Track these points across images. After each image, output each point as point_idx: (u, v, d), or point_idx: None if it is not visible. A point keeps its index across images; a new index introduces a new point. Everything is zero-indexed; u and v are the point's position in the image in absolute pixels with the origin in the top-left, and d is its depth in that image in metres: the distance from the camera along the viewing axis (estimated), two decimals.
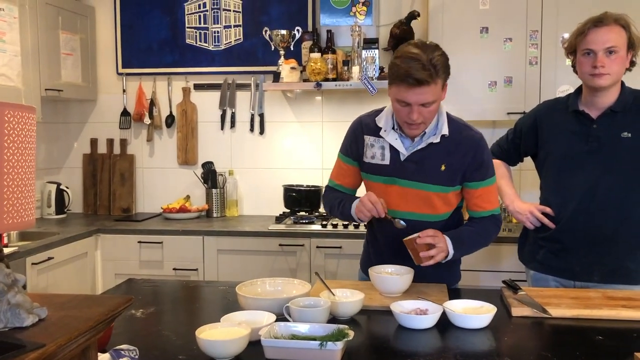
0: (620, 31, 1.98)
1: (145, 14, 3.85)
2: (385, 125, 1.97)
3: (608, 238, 2.07)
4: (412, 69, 1.75)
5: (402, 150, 1.96)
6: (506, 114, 3.17)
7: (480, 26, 3.18)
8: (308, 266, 3.22)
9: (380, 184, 2.01)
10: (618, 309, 1.73)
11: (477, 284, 3.02)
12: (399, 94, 1.82)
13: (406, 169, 1.96)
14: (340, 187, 2.14)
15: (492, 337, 1.58)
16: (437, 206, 1.99)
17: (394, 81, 1.82)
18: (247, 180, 3.85)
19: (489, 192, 2.00)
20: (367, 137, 2.02)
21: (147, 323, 1.73)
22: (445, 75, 1.83)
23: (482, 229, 2.02)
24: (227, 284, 2.13)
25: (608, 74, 1.97)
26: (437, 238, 1.88)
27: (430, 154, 1.94)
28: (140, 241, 3.36)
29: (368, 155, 2.02)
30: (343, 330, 1.44)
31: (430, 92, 1.79)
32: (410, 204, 1.98)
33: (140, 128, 3.95)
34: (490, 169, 2.00)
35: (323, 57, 3.37)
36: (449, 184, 1.96)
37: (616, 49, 1.97)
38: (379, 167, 2.00)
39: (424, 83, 1.77)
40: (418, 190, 1.96)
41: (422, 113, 1.83)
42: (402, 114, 1.86)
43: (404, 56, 1.80)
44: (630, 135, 2.03)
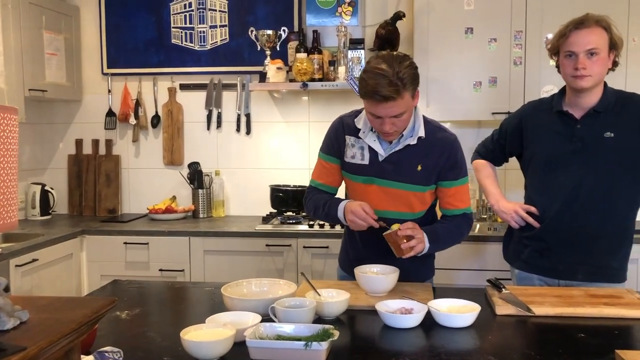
0: (601, 33, 2.00)
1: (131, 14, 3.82)
2: (364, 127, 2.02)
3: (592, 237, 2.09)
4: (379, 85, 1.79)
5: (380, 151, 2.01)
6: (491, 114, 3.19)
7: (465, 26, 3.20)
8: (295, 266, 3.22)
9: (360, 183, 2.06)
10: (600, 306, 1.75)
11: (462, 283, 3.04)
12: (370, 108, 1.88)
13: (384, 169, 2.01)
14: (324, 187, 2.16)
15: (477, 335, 1.60)
16: (414, 205, 2.05)
17: (363, 96, 1.87)
18: (233, 180, 3.85)
19: (461, 191, 2.07)
20: (348, 137, 2.06)
21: (132, 324, 1.72)
22: (414, 86, 1.86)
23: (455, 226, 2.08)
24: (213, 284, 2.13)
25: (589, 75, 2.00)
26: (415, 230, 1.92)
27: (407, 155, 1.99)
28: (126, 242, 3.34)
29: (349, 155, 2.06)
30: (328, 330, 1.44)
31: (398, 106, 1.84)
32: (389, 203, 2.03)
33: (126, 128, 3.93)
34: (463, 169, 2.06)
35: (309, 57, 3.37)
36: (425, 183, 2.02)
37: (597, 50, 1.99)
38: (358, 167, 2.04)
39: (390, 99, 1.81)
40: (396, 190, 2.01)
41: (394, 123, 1.89)
42: (375, 124, 1.93)
43: (371, 71, 1.83)
44: (613, 135, 2.05)
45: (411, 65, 1.86)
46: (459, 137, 2.09)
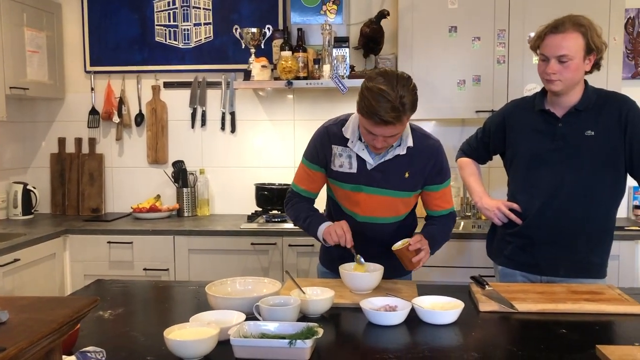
0: (576, 38, 2.00)
1: (114, 12, 3.79)
2: (352, 137, 2.01)
3: (573, 233, 2.11)
4: (381, 109, 1.77)
5: (369, 160, 2.01)
6: (475, 112, 3.21)
7: (449, 25, 3.22)
8: (280, 265, 3.22)
9: (347, 190, 2.07)
10: (581, 302, 1.77)
11: (447, 280, 3.05)
12: (366, 125, 1.86)
13: (373, 177, 2.02)
14: (305, 192, 2.17)
15: (460, 332, 1.61)
16: (400, 209, 2.10)
17: (362, 113, 1.85)
18: (218, 179, 3.83)
19: (447, 192, 2.13)
20: (334, 147, 2.05)
21: (116, 324, 1.71)
22: (413, 111, 1.85)
23: (444, 226, 2.15)
24: (198, 283, 2.12)
25: (559, 80, 2.02)
26: (423, 242, 1.96)
27: (395, 164, 2.01)
28: (110, 241, 3.31)
29: (336, 164, 2.06)
30: (312, 328, 1.44)
31: (395, 129, 1.84)
32: (376, 209, 2.06)
33: (109, 127, 3.90)
34: (448, 172, 2.12)
35: (294, 55, 3.37)
36: (412, 189, 2.06)
37: (569, 57, 2.00)
38: (346, 175, 2.04)
39: (390, 124, 1.80)
40: (384, 197, 2.04)
41: (386, 140, 1.90)
42: (367, 138, 1.93)
43: (374, 90, 1.79)
44: (594, 133, 2.07)
45: (414, 89, 1.83)
46: (443, 135, 2.12)
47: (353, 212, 2.08)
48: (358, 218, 2.08)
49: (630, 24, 3.45)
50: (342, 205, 2.13)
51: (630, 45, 3.47)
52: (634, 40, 3.47)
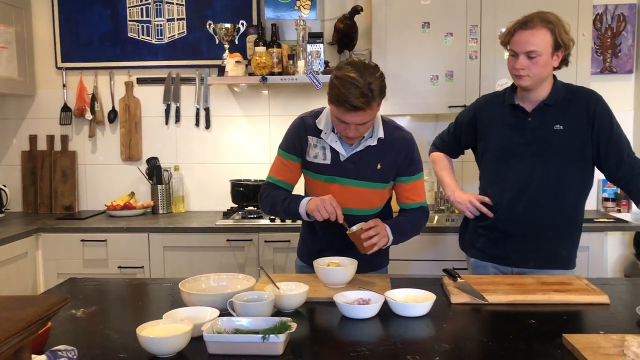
0: (544, 34, 2.04)
1: (85, 7, 3.74)
2: (325, 128, 2.06)
3: (542, 226, 2.16)
4: (351, 95, 1.83)
5: (341, 151, 2.05)
6: (448, 107, 3.24)
7: (422, 21, 3.24)
8: (256, 261, 3.22)
9: (321, 182, 2.10)
10: (550, 293, 1.81)
11: (421, 273, 3.09)
12: (337, 114, 1.91)
13: (345, 169, 2.05)
14: (282, 183, 2.17)
15: (432, 324, 1.63)
16: (374, 201, 2.12)
17: (332, 102, 1.90)
18: (193, 175, 3.81)
19: (418, 185, 2.15)
20: (310, 138, 2.09)
21: (88, 322, 1.69)
22: (382, 97, 1.92)
23: (414, 219, 2.15)
24: (172, 280, 2.11)
25: (528, 75, 2.06)
26: (378, 227, 1.96)
27: (367, 155, 2.04)
28: (84, 239, 3.28)
29: (311, 155, 2.09)
30: (286, 322, 1.45)
31: (366, 115, 1.89)
32: (350, 200, 2.07)
33: (82, 124, 3.85)
34: (420, 165, 2.14)
35: (268, 51, 3.36)
36: (384, 181, 2.09)
37: (537, 53, 2.04)
38: (320, 166, 2.08)
39: (360, 109, 1.85)
40: (357, 188, 2.06)
41: (358, 129, 1.94)
42: (339, 128, 1.97)
43: (342, 78, 1.85)
44: (562, 127, 2.12)
45: (381, 76, 1.91)
46: (417, 130, 2.14)
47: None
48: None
49: (599, 20, 3.52)
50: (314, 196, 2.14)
51: (598, 40, 3.54)
52: (602, 36, 3.54)
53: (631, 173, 2.10)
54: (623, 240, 3.58)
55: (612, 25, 3.53)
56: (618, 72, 3.56)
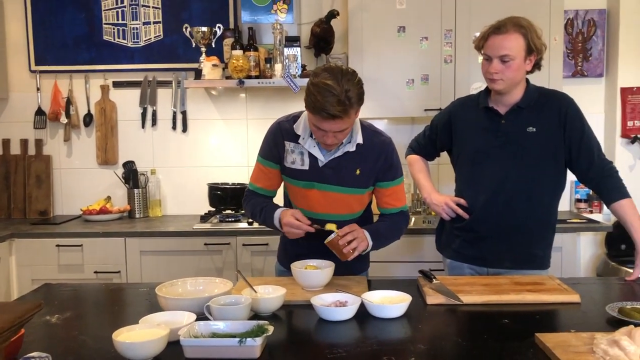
0: (517, 38, 2.08)
1: (59, 9, 3.70)
2: (303, 134, 2.04)
3: (517, 227, 2.19)
4: (327, 103, 1.80)
5: (320, 157, 2.03)
6: (424, 110, 3.28)
7: (397, 25, 3.28)
8: (234, 265, 3.21)
9: (300, 188, 2.09)
10: (523, 293, 1.84)
11: (399, 275, 3.11)
12: (314, 121, 1.89)
13: (324, 174, 2.04)
14: (262, 190, 2.18)
15: (408, 325, 1.65)
16: (353, 206, 2.12)
17: (309, 109, 1.88)
18: (170, 179, 3.79)
19: (398, 190, 2.14)
20: (287, 143, 2.07)
21: (63, 328, 1.68)
22: (359, 104, 1.89)
23: (394, 223, 2.15)
24: (149, 285, 2.10)
25: (501, 79, 2.10)
26: (355, 232, 1.96)
27: (346, 161, 2.03)
28: (59, 245, 3.24)
29: (288, 161, 2.08)
30: (263, 326, 1.45)
31: (343, 123, 1.87)
32: (329, 206, 2.08)
33: (57, 128, 3.81)
34: (399, 170, 2.12)
35: (245, 54, 3.36)
36: (363, 186, 2.08)
37: (510, 57, 2.07)
38: (299, 172, 2.07)
39: (337, 117, 1.83)
40: (336, 194, 2.06)
41: (336, 136, 1.92)
42: (317, 135, 1.95)
43: (319, 85, 1.82)
44: (535, 130, 2.16)
45: (359, 82, 1.87)
46: (394, 134, 2.15)
47: (303, 210, 2.10)
48: (310, 215, 2.09)
49: (570, 24, 3.59)
50: (295, 204, 2.15)
51: (570, 45, 3.61)
52: (574, 40, 3.61)
53: (601, 174, 2.15)
54: (595, 240, 3.67)
55: (583, 30, 3.60)
56: (589, 75, 3.64)
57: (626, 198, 2.11)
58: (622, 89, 3.54)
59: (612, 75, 3.60)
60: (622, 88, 3.54)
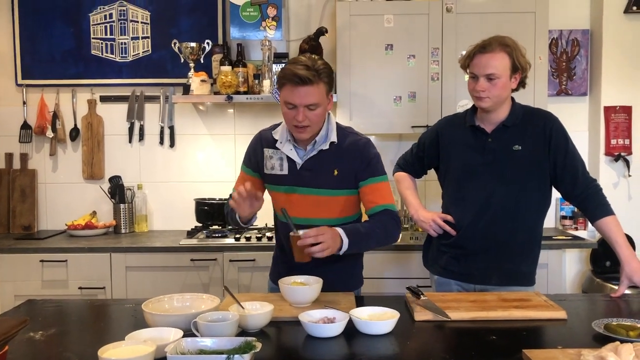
0: (503, 57, 2.12)
1: (47, 23, 3.69)
2: (281, 138, 2.09)
3: (503, 244, 2.21)
4: (297, 69, 1.92)
5: (297, 159, 2.07)
6: (411, 127, 3.30)
7: (385, 43, 3.31)
8: (221, 280, 3.19)
9: (282, 193, 2.12)
10: (511, 309, 1.85)
11: (387, 291, 3.11)
12: (287, 96, 1.96)
13: (303, 177, 2.07)
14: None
15: (396, 341, 1.64)
16: (335, 210, 2.11)
17: (281, 82, 1.97)
18: (157, 194, 3.77)
19: (379, 188, 2.08)
20: (266, 150, 2.13)
21: (47, 345, 1.65)
22: (329, 81, 1.99)
23: (378, 222, 2.05)
24: (135, 301, 2.08)
25: (488, 97, 2.13)
26: (321, 236, 1.87)
27: (322, 161, 2.06)
28: (43, 260, 3.20)
29: (268, 167, 2.13)
30: (251, 342, 1.44)
31: (313, 94, 1.93)
32: (312, 210, 2.09)
33: (43, 142, 3.78)
34: (379, 169, 2.09)
35: (234, 70, 3.38)
36: (343, 187, 2.08)
37: (496, 75, 2.11)
38: (279, 178, 2.11)
39: (307, 82, 1.91)
40: (317, 197, 2.08)
41: (307, 116, 1.96)
42: (289, 116, 1.99)
43: (290, 62, 2.00)
44: (521, 148, 2.18)
45: (327, 65, 2.00)
46: (381, 150, 2.16)
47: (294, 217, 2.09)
48: (299, 222, 2.09)
49: (554, 44, 3.66)
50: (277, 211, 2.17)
51: (554, 64, 3.67)
52: (558, 60, 3.67)
53: (586, 192, 2.18)
54: (581, 257, 3.70)
55: (567, 49, 3.66)
56: (573, 94, 3.70)
57: (610, 215, 2.14)
58: (606, 107, 3.60)
59: (596, 94, 3.66)
60: (605, 107, 3.60)
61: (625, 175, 3.62)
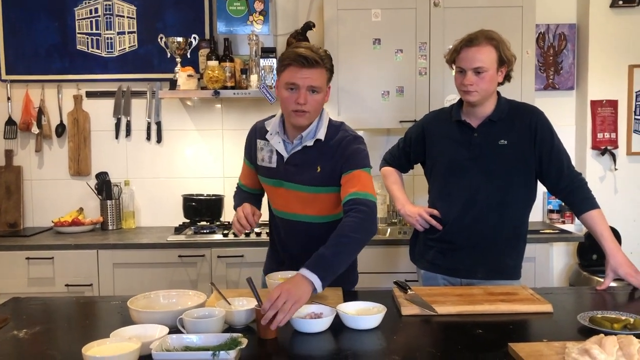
0: (490, 51, 2.12)
1: (32, 18, 3.65)
2: (272, 129, 2.08)
3: (489, 238, 2.22)
4: (302, 51, 1.92)
5: (283, 152, 2.07)
6: (399, 122, 3.30)
7: (372, 37, 3.30)
8: (209, 277, 3.18)
9: (270, 186, 2.13)
10: (497, 303, 1.86)
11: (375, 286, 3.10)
12: (289, 77, 1.93)
13: (288, 172, 2.07)
14: (246, 188, 2.28)
15: (383, 336, 1.64)
16: (319, 207, 2.09)
17: (285, 62, 1.94)
18: (144, 190, 3.75)
19: (357, 176, 1.96)
20: (258, 141, 2.13)
21: (32, 343, 1.64)
22: (330, 69, 1.99)
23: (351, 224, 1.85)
24: (121, 298, 2.06)
25: (476, 91, 2.13)
26: (275, 302, 1.59)
27: (306, 157, 2.04)
28: (29, 257, 3.17)
29: (259, 158, 2.13)
30: (237, 338, 1.44)
31: (317, 76, 1.92)
32: (297, 205, 2.09)
33: (28, 138, 3.74)
34: (360, 160, 1.99)
35: (221, 65, 3.36)
36: (326, 184, 2.04)
37: (484, 69, 2.11)
38: (268, 170, 2.11)
39: (312, 64, 1.90)
40: (301, 193, 2.07)
41: (308, 100, 1.93)
42: (290, 100, 1.95)
43: (293, 46, 1.99)
44: (506, 142, 2.19)
45: (327, 52, 2.01)
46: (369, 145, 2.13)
47: (277, 210, 2.13)
48: (282, 215, 2.13)
49: (541, 38, 3.67)
50: (271, 204, 2.19)
51: (541, 58, 3.68)
52: (545, 54, 3.68)
53: (571, 186, 2.19)
54: (567, 250, 3.72)
55: (554, 43, 3.68)
56: (560, 88, 3.71)
57: (596, 209, 2.15)
58: (592, 101, 3.62)
59: (582, 88, 3.68)
60: (592, 101, 3.62)
61: (612, 169, 3.64)
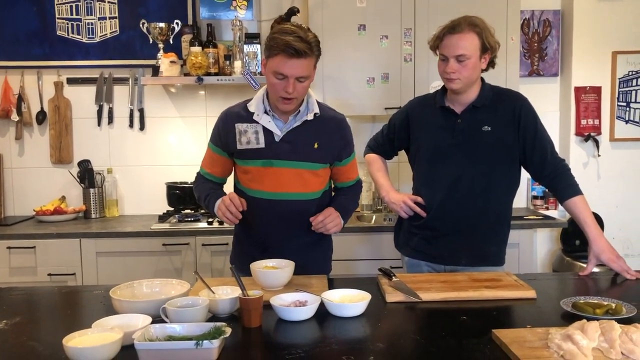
0: (472, 38, 2.10)
1: (9, 3, 3.57)
2: (258, 110, 2.06)
3: (472, 224, 2.22)
4: (292, 40, 1.89)
5: (276, 131, 2.04)
6: (384, 108, 3.29)
7: (358, 24, 3.28)
8: (194, 265, 3.16)
9: (258, 167, 2.08)
10: (481, 289, 1.86)
11: (360, 273, 3.12)
12: (278, 67, 1.92)
13: (281, 150, 2.05)
14: (211, 176, 2.22)
15: (367, 323, 1.65)
16: (311, 184, 2.11)
17: (273, 52, 1.92)
18: (127, 178, 3.71)
19: (353, 164, 2.26)
20: (238, 125, 2.08)
21: (11, 334, 1.61)
22: (318, 55, 1.99)
23: (355, 195, 2.29)
24: (104, 287, 2.04)
25: (458, 78, 2.12)
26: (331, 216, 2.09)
27: (303, 133, 2.05)
28: (10, 247, 3.13)
29: (243, 142, 2.08)
30: (220, 327, 1.43)
31: (306, 66, 1.93)
32: (287, 184, 2.08)
33: (8, 125, 3.68)
34: (352, 144, 2.22)
35: (204, 51, 3.32)
36: (322, 161, 2.10)
37: (466, 56, 2.09)
38: (255, 151, 2.07)
39: (302, 55, 1.89)
40: (294, 170, 2.07)
41: (296, 87, 1.94)
42: (278, 87, 1.95)
43: (282, 30, 1.94)
44: (490, 128, 2.18)
45: (315, 36, 1.99)
46: (354, 132, 2.19)
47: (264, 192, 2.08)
48: (270, 196, 2.08)
49: (526, 24, 3.66)
50: (250, 188, 2.12)
51: (526, 44, 3.68)
52: (530, 40, 3.68)
53: (554, 172, 2.20)
54: (551, 236, 3.76)
55: (539, 30, 3.68)
56: (545, 74, 3.72)
57: (578, 195, 2.16)
58: (576, 88, 3.63)
59: (567, 74, 3.69)
60: (576, 87, 3.63)
61: (595, 155, 3.67)
